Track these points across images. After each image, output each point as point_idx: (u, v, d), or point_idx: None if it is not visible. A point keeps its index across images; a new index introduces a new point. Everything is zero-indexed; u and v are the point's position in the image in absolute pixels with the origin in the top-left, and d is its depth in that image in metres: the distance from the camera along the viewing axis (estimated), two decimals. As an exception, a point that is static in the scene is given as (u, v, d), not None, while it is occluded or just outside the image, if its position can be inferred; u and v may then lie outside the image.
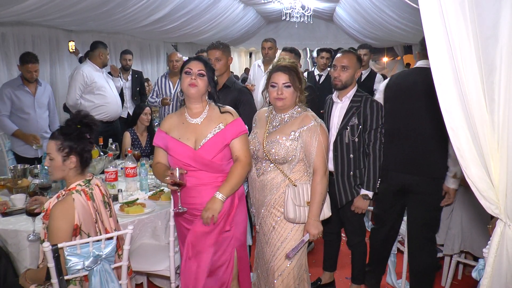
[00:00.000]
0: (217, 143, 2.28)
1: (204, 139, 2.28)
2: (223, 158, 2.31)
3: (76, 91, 4.60)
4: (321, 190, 2.33)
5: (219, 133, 2.30)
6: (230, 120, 2.33)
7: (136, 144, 4.22)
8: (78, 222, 1.98)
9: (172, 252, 2.62)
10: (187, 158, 2.26)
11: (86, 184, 2.10)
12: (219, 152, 2.28)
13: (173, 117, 2.44)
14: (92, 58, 4.81)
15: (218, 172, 2.30)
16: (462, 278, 3.46)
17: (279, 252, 2.39)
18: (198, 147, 2.27)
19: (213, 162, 2.27)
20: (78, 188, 2.05)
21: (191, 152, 2.26)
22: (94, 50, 4.83)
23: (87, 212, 2.04)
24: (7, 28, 5.02)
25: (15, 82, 4.28)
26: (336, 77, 2.83)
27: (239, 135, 2.32)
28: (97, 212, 2.10)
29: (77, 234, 1.99)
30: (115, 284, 2.00)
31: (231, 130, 2.31)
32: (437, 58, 1.38)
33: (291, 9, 8.01)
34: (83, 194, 2.05)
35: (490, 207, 1.42)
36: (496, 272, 1.46)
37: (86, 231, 2.02)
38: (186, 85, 2.28)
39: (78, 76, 4.61)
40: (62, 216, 1.95)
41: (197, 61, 2.32)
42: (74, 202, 1.99)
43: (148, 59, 8.72)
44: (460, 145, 1.41)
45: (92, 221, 2.07)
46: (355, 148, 2.80)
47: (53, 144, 2.05)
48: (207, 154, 2.26)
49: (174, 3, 5.95)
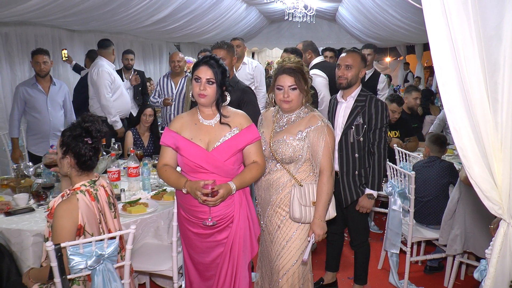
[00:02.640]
0: (231, 146, 2.24)
1: (217, 142, 2.24)
2: (235, 162, 2.27)
3: (107, 89, 4.65)
4: (328, 190, 2.33)
5: (234, 137, 2.25)
6: (246, 125, 2.30)
7: (139, 144, 4.22)
8: (82, 222, 1.99)
9: (175, 252, 2.62)
10: (199, 159, 2.20)
11: (91, 184, 2.10)
12: (232, 156, 2.24)
13: (184, 117, 2.36)
14: (106, 56, 4.82)
15: (228, 176, 2.24)
16: (465, 279, 3.46)
17: (284, 251, 2.39)
18: (211, 149, 2.23)
19: (225, 165, 2.22)
20: (82, 189, 2.06)
21: (203, 154, 2.21)
22: (107, 48, 4.85)
23: (91, 213, 2.05)
24: (10, 28, 5.03)
25: (29, 80, 4.31)
26: (341, 76, 2.83)
27: (254, 141, 2.30)
28: (101, 213, 2.11)
29: (80, 234, 1.99)
30: (117, 283, 2.00)
31: (246, 136, 2.27)
32: (440, 58, 1.38)
33: (294, 9, 8.00)
34: (88, 195, 2.05)
35: (493, 207, 1.41)
36: (499, 273, 1.46)
37: (90, 232, 2.03)
38: (196, 94, 2.23)
39: (104, 74, 4.64)
40: (66, 216, 1.96)
41: (205, 67, 2.22)
42: (78, 202, 1.99)
43: (151, 59, 8.73)
44: (463, 145, 1.41)
45: (96, 222, 2.08)
46: (360, 147, 2.80)
47: (59, 139, 2.10)
48: (220, 156, 2.21)
49: (177, 3, 5.95)
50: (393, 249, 3.30)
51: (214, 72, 2.22)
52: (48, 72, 4.23)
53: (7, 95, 4.96)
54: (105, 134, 2.15)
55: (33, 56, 4.14)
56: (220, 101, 2.27)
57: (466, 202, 2.97)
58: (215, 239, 2.31)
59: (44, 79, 4.23)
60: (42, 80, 4.22)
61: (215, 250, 2.33)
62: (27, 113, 4.24)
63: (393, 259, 3.35)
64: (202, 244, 2.34)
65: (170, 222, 2.74)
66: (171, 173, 2.28)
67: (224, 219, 2.28)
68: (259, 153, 2.32)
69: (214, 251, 2.33)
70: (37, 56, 4.12)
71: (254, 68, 4.74)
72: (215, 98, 2.25)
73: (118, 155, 3.77)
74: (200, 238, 2.33)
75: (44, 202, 2.86)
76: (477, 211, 2.89)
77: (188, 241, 2.39)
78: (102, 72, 4.66)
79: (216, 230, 2.29)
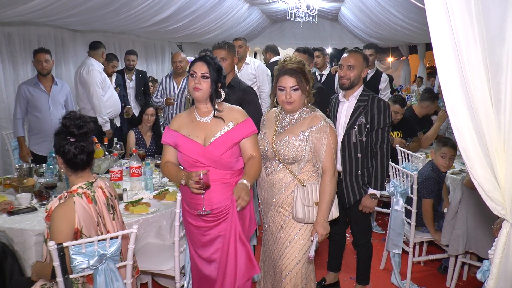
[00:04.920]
0: (227, 141, 2.30)
1: (213, 137, 2.31)
2: (232, 156, 2.34)
3: (99, 87, 4.67)
4: (330, 190, 2.33)
5: (229, 131, 2.32)
6: (241, 120, 2.36)
7: (141, 144, 4.23)
8: (78, 226, 1.99)
9: (177, 252, 2.62)
10: (197, 154, 2.29)
11: (88, 186, 2.10)
12: (228, 150, 2.31)
13: (182, 116, 2.46)
14: (95, 56, 4.84)
15: (226, 169, 2.32)
16: (467, 279, 3.45)
17: (287, 251, 2.39)
18: (207, 145, 2.30)
19: (222, 158, 2.29)
20: (79, 191, 2.05)
21: (200, 149, 2.29)
22: (97, 49, 4.88)
23: (88, 215, 2.04)
24: (13, 28, 5.04)
25: (31, 80, 4.34)
26: (343, 77, 2.81)
27: (250, 135, 2.36)
28: (99, 215, 2.10)
29: (77, 238, 1.98)
30: (119, 283, 2.01)
31: (242, 130, 2.33)
32: (442, 58, 1.37)
33: (296, 9, 7.99)
34: (85, 197, 2.05)
35: (496, 208, 1.41)
36: (502, 273, 1.45)
37: (87, 235, 2.02)
38: (191, 89, 2.32)
39: (95, 72, 4.66)
40: (62, 219, 1.96)
41: (201, 62, 2.32)
42: (75, 205, 1.99)
43: (153, 59, 8.73)
44: (465, 145, 1.40)
45: (94, 224, 2.07)
46: (363, 147, 2.79)
47: None
48: (216, 151, 2.29)
49: (179, 3, 5.95)
50: (395, 249, 3.30)
51: (209, 68, 2.31)
52: (49, 71, 4.25)
53: (10, 95, 4.97)
54: (89, 131, 2.09)
55: (34, 55, 4.17)
56: (214, 97, 2.34)
57: (468, 203, 2.96)
58: (214, 232, 2.36)
59: (46, 78, 4.24)
60: (44, 80, 4.24)
61: (215, 242, 2.37)
62: (28, 113, 4.25)
63: (395, 259, 3.35)
64: (203, 237, 2.39)
65: (172, 222, 2.74)
66: (172, 168, 2.39)
67: (223, 211, 2.32)
68: (255, 147, 2.39)
69: (215, 244, 2.37)
70: (39, 55, 4.14)
71: (256, 68, 4.74)
72: (209, 93, 2.33)
73: (121, 155, 3.77)
74: (200, 231, 2.39)
75: (46, 202, 2.86)
76: (479, 211, 2.88)
77: (191, 235, 2.45)
78: (93, 70, 4.68)
79: (216, 223, 2.34)
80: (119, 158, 3.67)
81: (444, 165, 3.26)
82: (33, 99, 4.20)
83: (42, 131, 4.27)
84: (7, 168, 4.72)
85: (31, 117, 4.27)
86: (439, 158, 3.26)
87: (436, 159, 3.30)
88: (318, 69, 5.24)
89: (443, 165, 3.26)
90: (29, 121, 4.32)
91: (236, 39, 4.60)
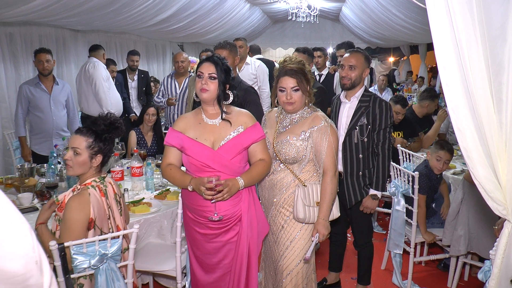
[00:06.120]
0: (237, 145, 2.23)
1: (222, 140, 2.23)
2: (241, 160, 2.27)
3: (105, 81, 4.73)
4: (331, 190, 2.33)
5: (239, 135, 2.25)
6: (251, 124, 2.29)
7: (142, 144, 4.23)
8: (93, 216, 2.02)
9: (179, 253, 2.62)
10: (206, 158, 2.19)
11: (101, 180, 2.15)
12: (238, 154, 2.24)
13: (188, 117, 2.35)
14: (97, 56, 4.86)
15: (235, 174, 2.23)
16: (468, 279, 3.45)
17: (288, 251, 2.39)
18: (217, 148, 2.22)
19: (232, 163, 2.22)
20: (93, 184, 2.10)
21: (210, 152, 2.19)
22: (98, 51, 4.92)
23: (101, 208, 2.08)
24: (14, 28, 5.06)
25: (32, 80, 4.34)
26: (345, 77, 2.80)
27: (259, 140, 2.30)
28: (110, 209, 2.14)
29: (91, 228, 2.01)
30: (120, 283, 2.01)
31: (251, 134, 2.27)
32: (444, 58, 1.37)
33: (297, 9, 8.00)
34: (98, 190, 2.09)
35: (497, 208, 1.41)
36: (503, 274, 1.45)
37: (99, 226, 2.06)
38: (198, 90, 2.23)
39: (100, 66, 4.69)
40: (79, 208, 1.99)
41: (208, 63, 2.24)
42: (90, 196, 2.03)
43: (154, 59, 8.75)
44: (467, 145, 1.40)
45: (106, 217, 2.11)
46: (364, 148, 2.79)
47: (83, 140, 2.08)
48: (226, 155, 2.21)
49: (180, 3, 5.96)
50: (397, 249, 3.29)
51: (217, 69, 2.22)
52: (51, 71, 4.25)
53: (12, 95, 4.99)
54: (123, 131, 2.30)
55: (36, 55, 4.17)
56: (222, 98, 2.26)
57: (470, 203, 2.96)
58: (222, 239, 2.30)
59: (47, 78, 4.25)
60: (45, 80, 4.24)
61: (222, 250, 2.32)
62: (30, 113, 4.26)
63: (397, 260, 3.34)
64: (208, 245, 2.32)
65: (174, 222, 2.75)
66: (176, 172, 2.27)
67: (232, 218, 2.27)
68: (265, 151, 2.33)
69: (221, 252, 2.32)
70: (40, 55, 4.14)
71: (257, 68, 4.75)
72: (216, 95, 2.23)
73: (122, 154, 3.77)
74: (207, 239, 2.31)
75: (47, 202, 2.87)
76: (481, 211, 2.88)
77: (194, 242, 2.37)
78: (98, 65, 4.73)
79: (223, 230, 2.28)
80: (120, 158, 3.67)
81: (438, 167, 3.27)
82: (34, 99, 4.20)
83: (43, 131, 4.28)
84: (9, 168, 4.73)
85: (33, 117, 4.27)
86: (434, 160, 3.27)
87: (431, 160, 3.30)
88: (317, 69, 5.25)
89: (437, 168, 3.27)
90: (31, 121, 4.33)
91: (236, 39, 4.60)
